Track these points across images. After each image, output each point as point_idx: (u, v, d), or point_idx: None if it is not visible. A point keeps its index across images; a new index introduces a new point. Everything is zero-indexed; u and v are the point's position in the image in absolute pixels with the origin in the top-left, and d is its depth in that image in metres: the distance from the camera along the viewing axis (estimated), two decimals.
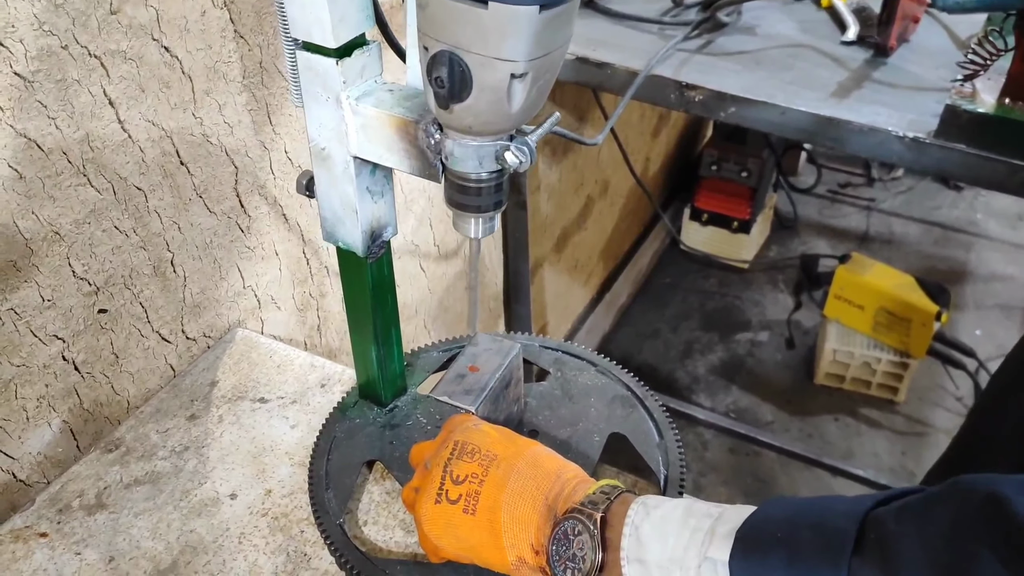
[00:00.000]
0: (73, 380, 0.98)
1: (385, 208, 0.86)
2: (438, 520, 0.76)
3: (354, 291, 0.92)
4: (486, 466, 0.75)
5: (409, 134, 0.75)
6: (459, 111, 0.65)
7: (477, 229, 0.77)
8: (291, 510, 0.94)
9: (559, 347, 1.09)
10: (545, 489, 0.73)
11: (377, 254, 0.87)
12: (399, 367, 1.01)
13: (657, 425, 0.99)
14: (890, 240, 3.38)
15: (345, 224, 0.85)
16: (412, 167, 0.77)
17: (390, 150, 0.77)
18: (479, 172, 0.72)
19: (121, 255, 0.99)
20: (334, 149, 0.80)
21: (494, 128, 0.68)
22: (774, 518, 0.62)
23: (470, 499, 0.74)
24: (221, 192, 1.11)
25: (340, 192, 0.83)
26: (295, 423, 1.05)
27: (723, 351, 2.87)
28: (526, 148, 0.70)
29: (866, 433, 2.59)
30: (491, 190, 0.74)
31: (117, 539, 0.91)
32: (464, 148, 0.70)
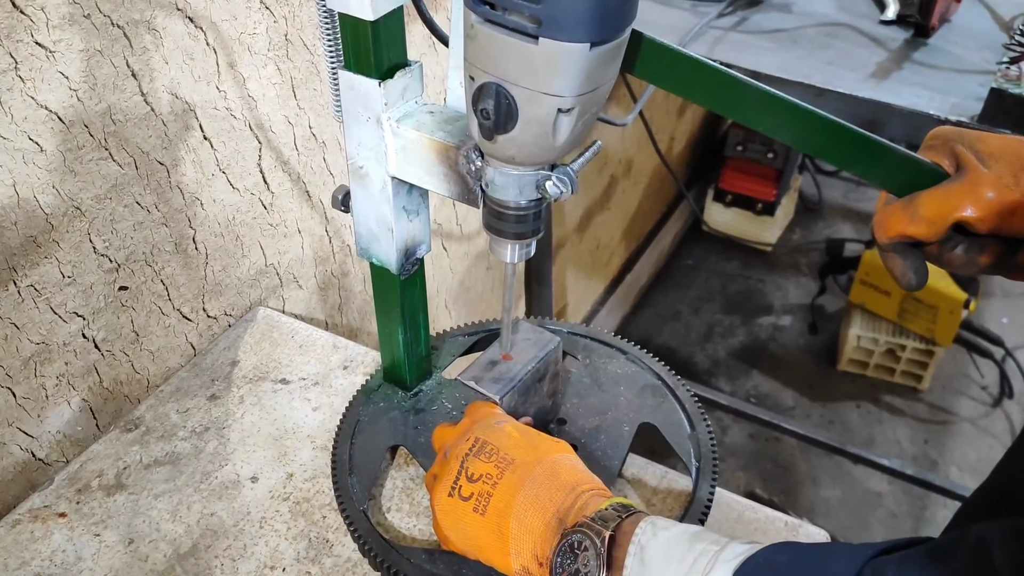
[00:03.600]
0: (93, 358, 0.97)
1: (420, 226, 0.85)
2: (450, 513, 0.75)
3: (386, 297, 0.91)
4: (502, 469, 0.73)
5: (449, 159, 0.74)
6: (503, 142, 0.64)
7: (514, 254, 0.76)
8: (313, 495, 0.92)
9: (587, 333, 1.07)
10: (558, 501, 0.71)
11: (410, 271, 0.86)
12: (425, 350, 0.98)
13: (688, 416, 0.96)
14: None
15: (380, 242, 0.84)
16: (451, 191, 0.76)
17: (429, 173, 0.76)
18: (519, 200, 0.71)
19: (143, 231, 0.97)
20: (372, 168, 0.79)
21: (537, 159, 0.67)
22: (777, 563, 0.59)
23: (482, 499, 0.72)
24: (244, 168, 1.08)
25: (376, 210, 0.82)
26: (317, 405, 1.03)
27: (745, 335, 2.83)
28: (567, 179, 0.69)
29: (888, 421, 2.55)
30: (530, 218, 0.73)
31: (136, 521, 0.89)
32: (505, 177, 0.69)
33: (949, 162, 0.69)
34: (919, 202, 0.67)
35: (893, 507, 2.31)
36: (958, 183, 0.66)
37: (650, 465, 0.95)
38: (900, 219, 0.68)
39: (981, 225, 0.65)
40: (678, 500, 0.91)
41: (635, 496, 0.92)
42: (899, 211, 0.68)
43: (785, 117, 0.68)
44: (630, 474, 0.94)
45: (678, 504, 0.91)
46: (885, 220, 0.70)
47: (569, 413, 0.96)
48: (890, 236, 0.70)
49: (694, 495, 0.88)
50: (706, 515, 0.86)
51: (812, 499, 2.31)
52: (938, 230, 0.66)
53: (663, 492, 0.92)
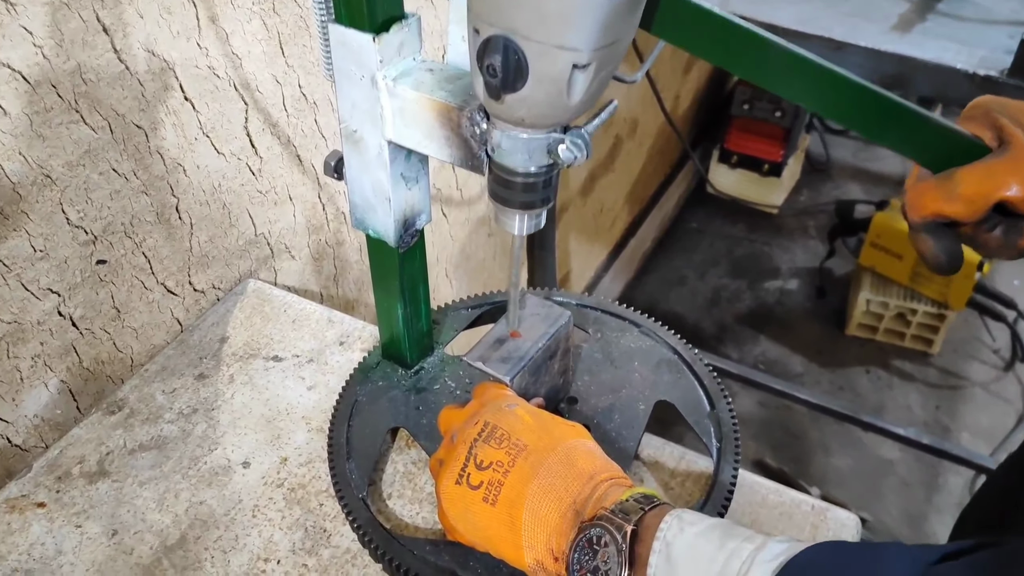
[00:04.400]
0: (71, 337, 0.90)
1: (419, 195, 0.79)
2: (457, 502, 0.70)
3: (384, 271, 0.85)
4: (513, 456, 0.68)
5: (451, 121, 0.67)
6: (511, 102, 0.58)
7: (522, 226, 0.70)
8: (309, 481, 0.86)
9: (599, 306, 1.00)
10: (575, 491, 0.65)
11: (409, 243, 0.80)
12: (426, 326, 0.92)
13: (707, 392, 0.90)
14: None
15: (376, 212, 0.78)
16: (453, 156, 0.70)
17: (429, 137, 0.70)
18: (528, 166, 0.64)
19: (120, 200, 0.90)
20: (367, 132, 0.73)
21: (548, 121, 0.61)
22: (822, 566, 0.53)
23: (492, 488, 0.67)
24: (230, 131, 1.01)
25: (372, 178, 0.76)
26: (312, 384, 0.97)
27: (751, 300, 2.77)
28: (581, 142, 0.63)
29: (898, 386, 2.50)
30: (539, 185, 0.66)
31: (120, 510, 0.84)
32: (513, 140, 0.63)
33: (991, 135, 0.63)
34: (958, 179, 0.62)
35: (905, 475, 2.27)
36: (1002, 159, 0.61)
37: (667, 445, 0.90)
38: (935, 197, 0.63)
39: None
40: (697, 483, 0.86)
41: (652, 480, 0.86)
42: (934, 188, 0.63)
43: (812, 81, 0.64)
44: (646, 455, 0.89)
45: (698, 488, 0.85)
46: (919, 198, 0.65)
47: (580, 391, 0.90)
48: (923, 215, 0.64)
49: (716, 478, 0.82)
50: (729, 500, 0.80)
51: (823, 468, 2.27)
52: (977, 210, 0.61)
53: (681, 475, 0.87)
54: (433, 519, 0.83)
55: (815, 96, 0.64)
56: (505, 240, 1.85)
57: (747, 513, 0.84)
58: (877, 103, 0.63)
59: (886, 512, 2.19)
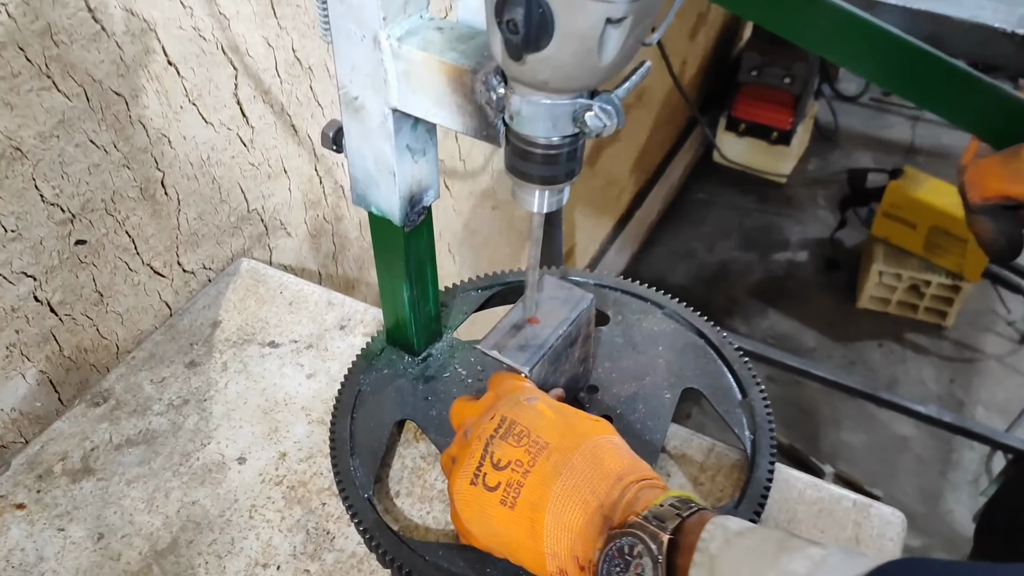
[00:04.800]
0: (50, 324, 0.83)
1: (427, 168, 0.72)
2: (472, 504, 0.64)
3: (388, 252, 0.78)
4: (534, 455, 0.62)
5: (464, 85, 0.61)
6: (534, 63, 0.51)
7: (542, 202, 0.63)
8: (310, 478, 0.80)
9: (618, 286, 0.94)
10: (601, 493, 0.60)
11: (416, 221, 0.73)
12: (434, 309, 0.85)
13: (739, 379, 0.84)
14: (938, 152, 3.17)
15: (380, 187, 0.71)
16: (466, 125, 0.63)
17: (439, 104, 0.63)
18: (551, 136, 0.57)
19: (100, 175, 0.83)
20: (369, 99, 0.66)
21: (576, 84, 0.54)
22: None
23: (510, 490, 0.62)
24: (218, 98, 0.93)
25: (375, 150, 0.69)
26: (312, 372, 0.90)
27: (761, 272, 2.70)
28: (612, 108, 0.56)
29: (912, 360, 2.44)
30: (564, 158, 0.59)
31: (107, 512, 0.77)
32: (535, 107, 0.56)
33: None
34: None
35: (920, 451, 2.22)
36: None
37: (695, 436, 0.83)
38: (1000, 176, 0.58)
39: None
40: (729, 478, 0.79)
41: (680, 474, 0.80)
42: (998, 166, 0.58)
43: (864, 44, 0.57)
44: (672, 447, 0.82)
45: (729, 482, 0.79)
46: (980, 177, 0.59)
47: (601, 379, 0.84)
48: (986, 196, 0.59)
49: (751, 474, 0.76)
50: (765, 499, 0.75)
51: (835, 444, 2.22)
52: None
53: (711, 468, 0.80)
54: (445, 519, 0.76)
55: (867, 59, 0.58)
56: (511, 214, 1.77)
57: (783, 510, 0.78)
58: (937, 68, 0.57)
59: (900, 489, 2.14)
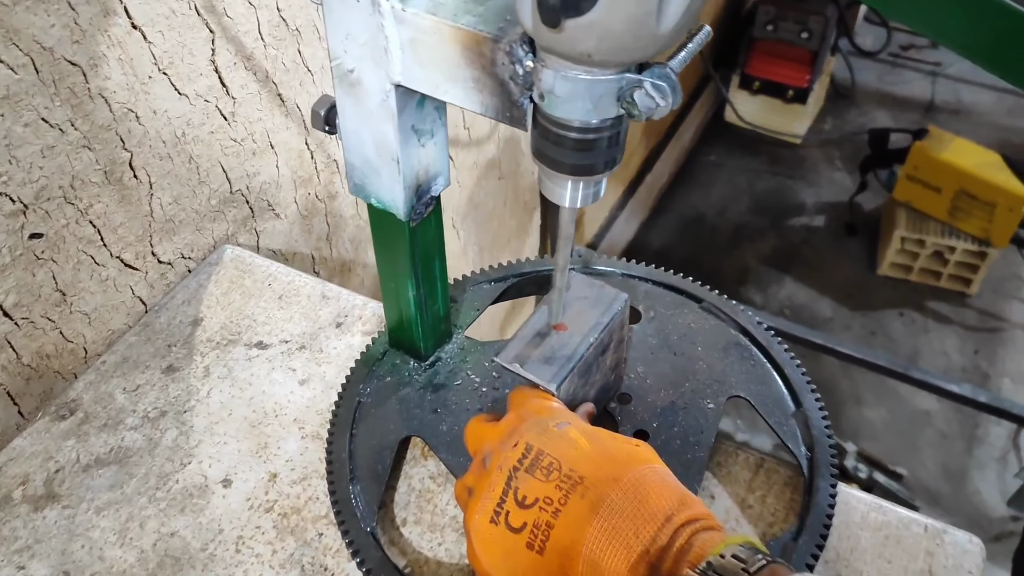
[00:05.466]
0: (3, 329, 0.73)
1: (435, 153, 0.62)
2: (492, 546, 0.55)
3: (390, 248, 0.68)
4: (566, 491, 0.53)
5: (483, 57, 0.50)
6: (575, 30, 0.42)
7: (575, 196, 0.53)
8: (304, 503, 0.70)
9: (649, 276, 0.83)
10: (647, 536, 0.51)
11: (423, 213, 0.62)
12: (443, 309, 0.75)
13: (791, 386, 0.74)
14: (958, 110, 3.04)
15: (381, 176, 0.61)
16: (484, 104, 0.52)
17: (451, 79, 0.52)
18: (590, 119, 0.47)
19: (56, 158, 0.72)
20: (367, 73, 0.55)
21: (625, 57, 0.44)
22: None
23: (539, 532, 0.53)
24: (193, 66, 0.82)
25: (374, 132, 0.58)
26: (305, 377, 0.80)
27: (775, 239, 2.59)
28: (667, 85, 0.45)
29: (935, 330, 2.35)
30: (603, 144, 0.49)
31: (73, 546, 0.68)
32: (572, 84, 0.46)
33: None
34: None
35: (943, 426, 2.13)
36: None
37: (741, 450, 0.73)
38: None
39: None
40: (781, 499, 0.70)
41: (725, 496, 0.70)
42: None
43: (962, 14, 0.46)
44: (714, 462, 0.73)
45: (782, 504, 0.69)
46: None
47: (633, 386, 0.73)
48: None
49: (810, 498, 0.66)
50: (828, 528, 0.65)
51: (856, 420, 2.13)
52: None
53: (760, 488, 0.71)
54: (459, 551, 0.67)
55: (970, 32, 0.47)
56: (518, 184, 1.66)
57: (845, 537, 0.68)
58: None
59: (923, 467, 2.05)
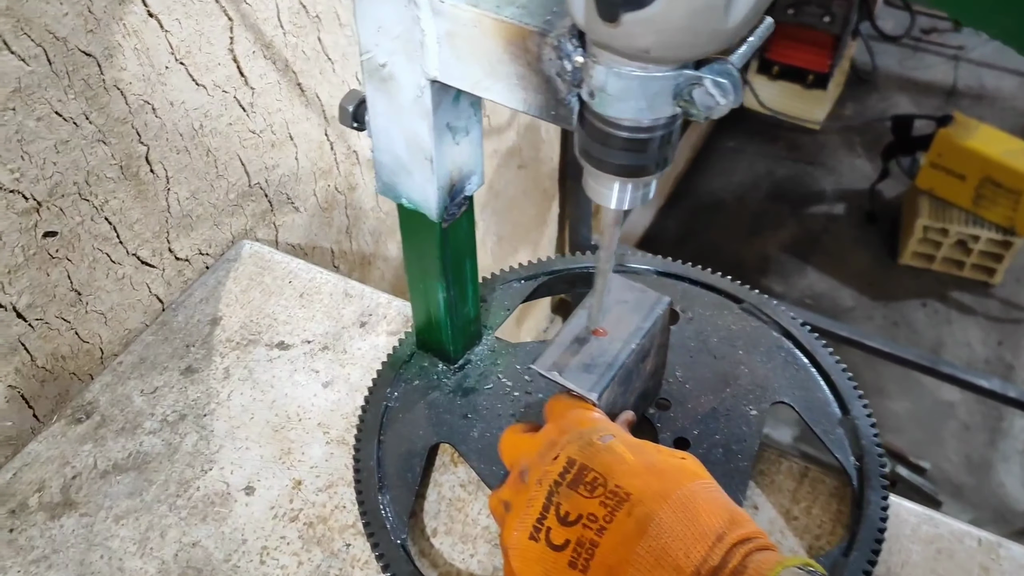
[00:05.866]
0: (17, 331, 0.70)
1: (470, 150, 0.59)
2: (532, 563, 0.53)
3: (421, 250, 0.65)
4: (612, 508, 0.51)
5: (528, 52, 0.47)
6: (633, 25, 0.38)
7: (622, 197, 0.49)
8: (330, 512, 0.68)
9: (686, 274, 0.80)
10: (697, 556, 0.48)
11: (456, 214, 0.59)
12: (473, 310, 0.72)
13: (838, 392, 0.70)
14: (981, 95, 2.98)
15: (412, 175, 0.57)
16: (527, 102, 0.49)
17: (492, 74, 0.49)
18: (643, 118, 0.44)
19: (70, 153, 0.69)
20: (401, 68, 0.52)
21: (685, 53, 0.41)
22: None
23: (582, 550, 0.51)
24: (211, 56, 0.79)
25: (407, 130, 0.55)
26: (328, 379, 0.77)
27: (795, 226, 2.55)
28: (728, 81, 0.42)
29: (958, 320, 2.30)
30: (656, 144, 0.46)
31: (92, 556, 0.65)
32: (626, 81, 0.43)
33: None
34: None
35: (967, 418, 2.10)
36: None
37: (784, 458, 0.70)
38: None
39: None
40: (827, 510, 0.67)
41: (769, 506, 0.67)
42: None
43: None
44: (756, 469, 0.69)
45: (828, 515, 0.67)
46: None
47: (672, 392, 0.70)
48: None
49: (861, 511, 0.63)
50: (880, 543, 0.62)
51: (878, 412, 2.08)
52: None
53: (806, 499, 0.68)
54: (492, 564, 0.64)
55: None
56: (538, 172, 1.62)
57: (896, 551, 0.65)
58: None
59: (947, 459, 2.02)
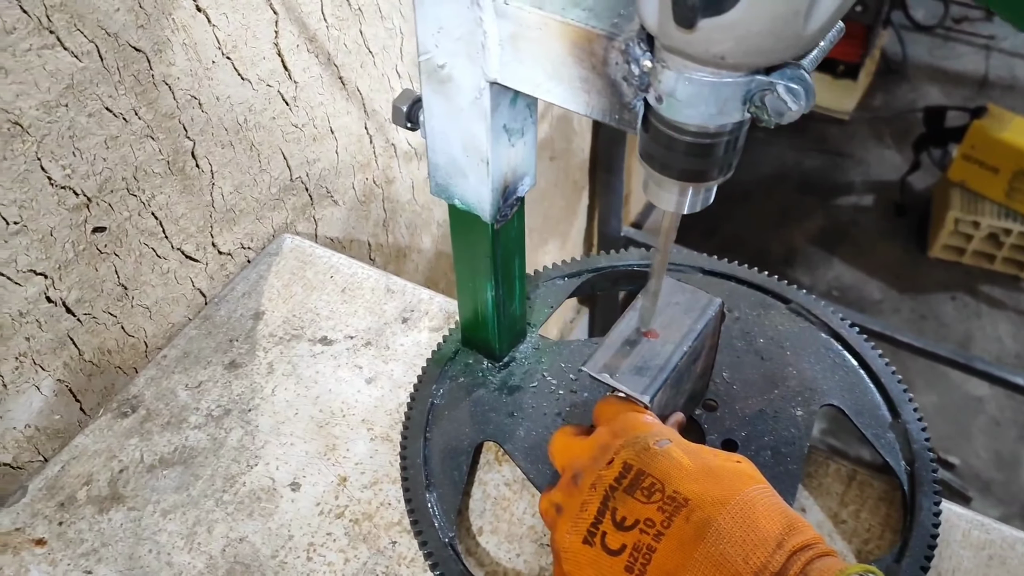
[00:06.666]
0: (66, 326, 0.70)
1: (524, 152, 0.58)
2: (585, 567, 0.53)
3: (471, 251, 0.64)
4: (670, 514, 0.50)
5: (594, 56, 0.46)
6: (711, 31, 0.37)
7: (683, 201, 0.49)
8: (376, 509, 0.68)
9: (732, 273, 0.79)
10: (756, 562, 0.48)
11: (508, 215, 0.59)
12: (520, 308, 0.71)
13: (888, 395, 0.70)
14: (1012, 85, 2.94)
15: (467, 177, 0.57)
16: (590, 105, 0.48)
17: (555, 77, 0.48)
18: (711, 123, 0.43)
19: (119, 149, 0.69)
20: (460, 69, 0.51)
21: (762, 59, 0.40)
22: None
23: (639, 555, 0.51)
24: (256, 50, 0.78)
25: (463, 132, 0.54)
26: (372, 376, 0.77)
27: (823, 218, 2.53)
28: (801, 88, 0.41)
29: (987, 315, 2.28)
30: (722, 149, 0.45)
31: (140, 550, 0.66)
32: (697, 87, 0.42)
33: None
34: None
35: (995, 413, 2.08)
36: None
37: (832, 460, 0.70)
38: None
39: None
40: (876, 514, 0.66)
41: (817, 509, 0.67)
42: None
43: None
44: (803, 471, 0.69)
45: (877, 520, 0.66)
46: None
47: (719, 392, 0.70)
48: None
49: (913, 517, 0.63)
50: (933, 549, 0.61)
51: None
52: None
53: (854, 502, 0.67)
54: (538, 564, 0.64)
55: None
56: (568, 164, 1.62)
57: (945, 556, 0.65)
58: None
59: (975, 455, 2.01)
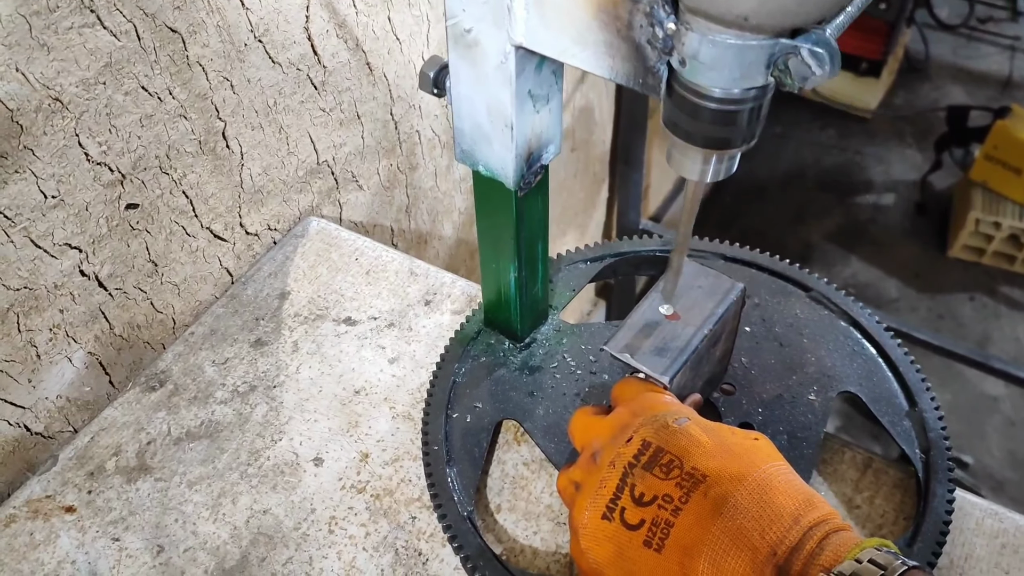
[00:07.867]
0: (98, 300, 0.72)
1: (549, 119, 0.58)
2: (604, 543, 0.53)
3: (494, 221, 0.65)
4: (688, 490, 0.51)
5: (618, 19, 0.46)
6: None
7: (706, 169, 0.49)
8: (396, 485, 0.69)
9: (753, 260, 0.80)
10: (773, 537, 0.48)
11: (531, 183, 0.60)
12: (542, 290, 0.73)
13: (905, 383, 0.70)
14: None
15: (492, 143, 0.58)
16: (614, 70, 0.48)
17: (580, 41, 0.49)
18: (734, 87, 0.43)
19: (154, 128, 0.70)
20: (486, 34, 0.52)
21: (786, 20, 0.40)
22: None
23: (657, 529, 0.51)
24: (288, 34, 0.80)
25: (489, 97, 0.55)
26: (394, 356, 0.78)
27: (841, 216, 2.52)
28: (825, 51, 0.40)
29: (1006, 315, 2.27)
30: (745, 116, 0.45)
31: (167, 519, 0.67)
32: (720, 49, 0.42)
33: None
34: None
35: (1011, 412, 2.07)
36: None
37: (847, 448, 0.71)
38: None
39: None
40: (891, 500, 0.67)
41: (832, 495, 0.68)
42: None
43: None
44: (819, 458, 0.70)
45: (891, 506, 0.67)
46: None
47: (737, 377, 0.71)
48: None
49: (925, 504, 0.64)
50: (945, 535, 0.62)
51: None
52: None
53: (869, 489, 0.68)
54: (555, 542, 0.66)
55: None
56: (588, 154, 1.62)
57: (958, 544, 0.65)
58: None
59: (989, 454, 2.00)
